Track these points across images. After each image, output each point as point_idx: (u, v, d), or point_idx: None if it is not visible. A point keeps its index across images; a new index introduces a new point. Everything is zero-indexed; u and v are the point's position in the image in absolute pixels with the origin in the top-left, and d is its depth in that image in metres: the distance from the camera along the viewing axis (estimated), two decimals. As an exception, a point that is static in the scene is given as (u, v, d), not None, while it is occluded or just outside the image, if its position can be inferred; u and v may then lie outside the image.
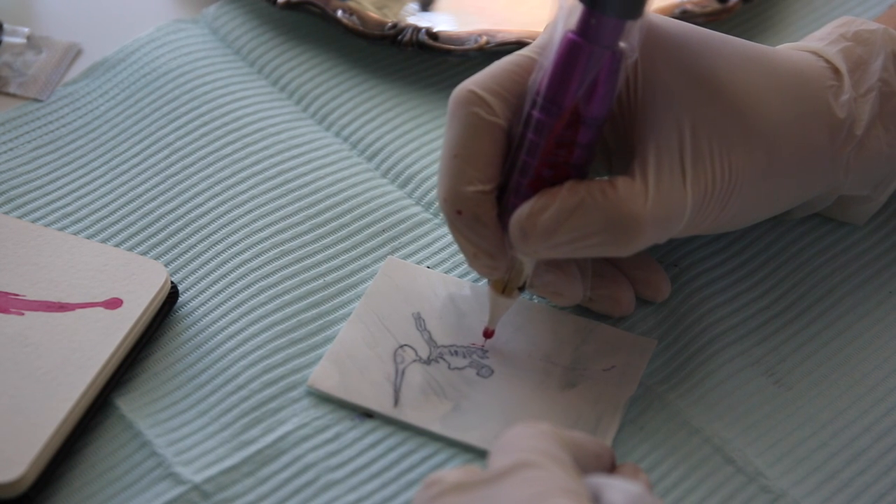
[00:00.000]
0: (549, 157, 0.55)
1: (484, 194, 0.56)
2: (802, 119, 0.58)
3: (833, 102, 0.59)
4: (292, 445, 0.58)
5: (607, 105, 0.55)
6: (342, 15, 0.73)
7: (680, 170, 0.55)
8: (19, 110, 0.71)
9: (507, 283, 0.58)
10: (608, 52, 0.54)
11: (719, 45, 0.57)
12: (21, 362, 0.58)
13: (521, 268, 0.58)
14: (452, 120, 0.57)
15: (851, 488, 0.57)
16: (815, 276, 0.64)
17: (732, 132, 0.56)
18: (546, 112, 0.55)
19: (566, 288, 0.60)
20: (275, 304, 0.62)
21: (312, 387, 0.59)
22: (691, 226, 0.57)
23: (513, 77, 0.57)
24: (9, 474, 0.54)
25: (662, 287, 0.62)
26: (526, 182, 0.55)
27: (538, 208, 0.55)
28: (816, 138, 0.58)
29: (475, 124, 0.56)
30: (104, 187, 0.67)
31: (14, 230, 0.63)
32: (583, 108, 0.54)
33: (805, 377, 0.60)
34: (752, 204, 0.59)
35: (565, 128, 0.54)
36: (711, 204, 0.56)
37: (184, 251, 0.65)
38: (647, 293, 0.62)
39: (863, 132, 0.59)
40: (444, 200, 0.57)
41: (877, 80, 0.60)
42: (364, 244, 0.65)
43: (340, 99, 0.72)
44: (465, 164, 0.56)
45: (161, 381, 0.60)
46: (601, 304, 0.61)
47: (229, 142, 0.69)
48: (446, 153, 0.57)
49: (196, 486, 0.56)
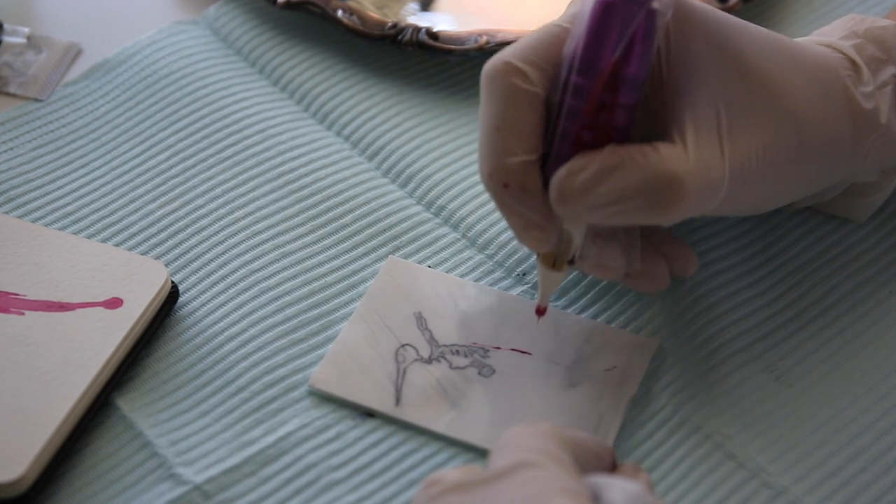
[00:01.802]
0: (589, 120, 0.54)
1: (529, 164, 0.55)
2: (826, 105, 0.58)
3: (854, 91, 0.59)
4: (294, 445, 0.58)
5: (646, 64, 0.54)
6: (342, 15, 0.73)
7: (717, 142, 0.55)
8: (19, 110, 0.71)
9: (556, 257, 0.58)
10: (643, 10, 0.53)
11: (744, 28, 0.58)
12: (21, 362, 0.58)
13: (570, 240, 0.57)
14: (490, 92, 0.56)
15: (852, 485, 0.57)
16: (816, 274, 0.64)
17: (763, 110, 0.56)
18: (584, 75, 0.54)
19: (612, 261, 0.59)
20: (276, 304, 0.62)
21: (314, 387, 0.59)
22: (725, 204, 0.56)
23: (548, 46, 0.56)
24: (9, 474, 0.54)
25: (691, 261, 0.61)
26: (568, 148, 0.55)
27: (576, 168, 0.54)
28: (840, 125, 0.58)
29: (514, 95, 0.55)
30: (105, 187, 0.67)
31: (14, 230, 0.63)
32: (621, 68, 0.54)
33: (806, 374, 0.60)
34: (780, 186, 0.58)
35: (605, 89, 0.54)
36: (746, 181, 0.56)
37: (184, 251, 0.65)
38: (678, 267, 0.61)
39: (886, 121, 0.59)
40: (488, 175, 0.56)
41: (891, 76, 0.60)
42: (365, 244, 0.65)
43: (341, 98, 0.72)
44: (509, 136, 0.55)
45: (162, 381, 0.60)
46: (638, 280, 0.61)
47: (230, 142, 0.69)
48: (487, 127, 0.56)
49: (197, 487, 0.56)
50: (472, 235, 0.66)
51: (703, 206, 0.56)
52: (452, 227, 0.66)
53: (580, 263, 0.59)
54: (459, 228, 0.66)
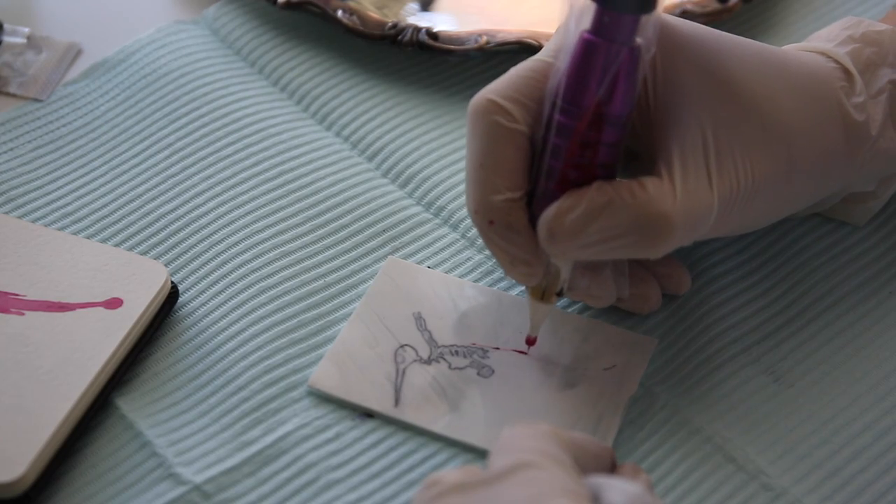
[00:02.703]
0: (574, 158, 0.55)
1: (513, 202, 0.56)
2: (818, 119, 0.58)
3: (846, 103, 0.59)
4: (293, 445, 0.58)
5: (629, 102, 0.54)
6: (342, 15, 0.73)
7: (705, 170, 0.55)
8: (19, 110, 0.70)
9: (545, 289, 0.58)
10: (625, 49, 0.53)
11: (733, 46, 0.57)
12: (21, 362, 0.58)
13: (558, 273, 0.58)
14: (474, 130, 0.56)
15: (852, 486, 0.57)
16: (815, 275, 0.64)
17: (752, 133, 0.56)
18: (567, 114, 0.54)
19: (601, 291, 0.60)
20: (275, 304, 0.62)
21: (313, 387, 0.59)
22: (715, 227, 0.57)
23: (530, 83, 0.56)
24: (9, 474, 0.54)
25: (684, 280, 0.62)
26: (553, 186, 0.55)
27: (565, 208, 0.55)
28: (832, 139, 0.58)
29: (497, 133, 0.56)
30: (104, 187, 0.67)
31: (14, 230, 0.63)
32: (605, 107, 0.54)
33: (806, 375, 0.60)
34: (772, 205, 0.59)
35: (588, 128, 0.54)
36: (736, 204, 0.56)
37: (184, 251, 0.65)
38: (670, 287, 0.62)
39: (878, 132, 0.59)
40: (474, 212, 0.56)
41: (887, 82, 0.60)
42: (364, 244, 0.65)
43: (341, 99, 0.72)
44: (492, 174, 0.56)
45: (161, 381, 0.60)
46: (631, 302, 0.61)
47: (230, 142, 0.69)
48: (471, 164, 0.56)
49: (197, 487, 0.56)
50: (471, 236, 0.66)
51: (692, 237, 0.56)
52: (452, 228, 0.66)
53: (569, 294, 0.60)
54: (459, 229, 0.66)
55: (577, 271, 0.59)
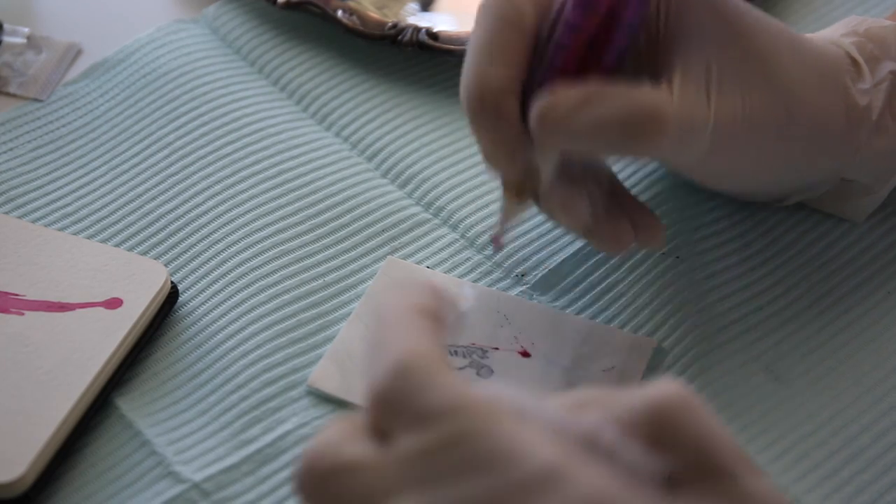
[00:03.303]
0: (578, 56, 0.54)
1: (508, 86, 0.55)
2: (821, 90, 0.58)
3: (850, 85, 0.59)
4: (292, 444, 0.58)
5: (643, 9, 0.55)
6: (342, 15, 0.73)
7: (705, 91, 0.55)
8: (19, 110, 0.71)
9: (521, 188, 0.58)
10: None
11: (747, 4, 0.58)
12: (21, 362, 0.58)
13: (537, 173, 0.57)
14: (480, 19, 0.56)
15: (851, 486, 0.57)
16: (815, 274, 0.64)
17: (756, 82, 0.56)
18: (581, 11, 0.54)
19: (575, 205, 0.59)
20: (274, 303, 0.62)
21: (312, 386, 0.59)
22: (708, 164, 0.57)
23: None
24: (9, 474, 0.54)
25: (658, 232, 0.61)
26: (552, 76, 0.55)
27: (560, 94, 0.54)
28: (832, 113, 0.59)
29: (500, 19, 0.56)
30: (104, 187, 0.67)
31: (14, 230, 0.63)
32: (618, 9, 0.54)
33: (805, 374, 0.60)
34: (766, 159, 0.59)
35: (598, 28, 0.54)
36: (730, 140, 0.56)
37: (184, 251, 0.65)
38: (644, 237, 0.61)
39: (876, 117, 0.60)
40: (466, 91, 0.56)
41: (888, 73, 0.60)
42: (364, 244, 0.65)
43: (340, 99, 0.72)
44: (490, 56, 0.55)
45: (161, 380, 0.60)
46: (602, 239, 0.61)
47: (229, 142, 0.69)
48: (472, 49, 0.56)
49: (196, 485, 0.56)
50: (471, 236, 0.66)
51: (684, 148, 0.56)
52: (451, 228, 0.66)
53: (545, 204, 0.59)
54: (458, 229, 0.66)
55: (555, 182, 0.58)
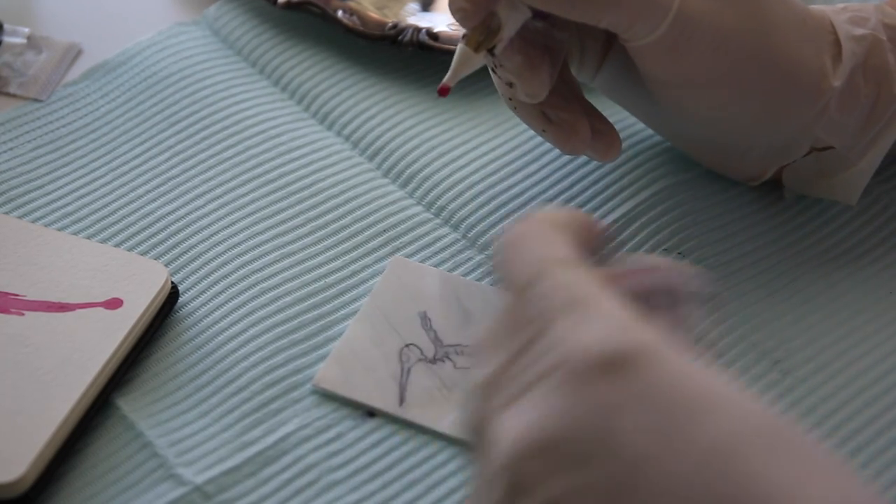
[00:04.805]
0: None
1: None
2: (801, 39, 0.59)
3: (827, 58, 0.59)
4: (294, 446, 0.58)
5: None
6: (343, 15, 0.73)
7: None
8: (19, 110, 0.70)
9: (480, 41, 0.58)
10: None
11: None
12: (21, 362, 0.58)
13: (500, 27, 0.58)
14: None
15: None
16: (818, 270, 0.64)
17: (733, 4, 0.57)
18: None
19: (533, 73, 0.59)
20: (276, 304, 0.62)
21: (318, 385, 0.59)
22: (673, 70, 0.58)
23: None
24: (9, 474, 0.54)
25: (615, 141, 0.62)
26: None
27: None
28: (808, 66, 0.59)
29: None
30: (105, 187, 0.67)
31: (14, 230, 0.63)
32: None
33: (806, 364, 0.60)
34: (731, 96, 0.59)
35: None
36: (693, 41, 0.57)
37: (184, 251, 0.64)
38: (599, 146, 0.62)
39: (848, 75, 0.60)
40: None
41: (868, 32, 0.60)
42: (365, 244, 0.65)
43: (341, 98, 0.72)
44: None
45: (162, 381, 0.60)
46: (556, 130, 0.61)
47: (230, 143, 0.69)
48: None
49: (198, 488, 0.56)
50: (472, 236, 0.66)
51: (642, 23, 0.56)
52: (453, 228, 0.66)
53: (501, 70, 0.59)
54: (460, 229, 0.66)
55: (516, 44, 0.59)
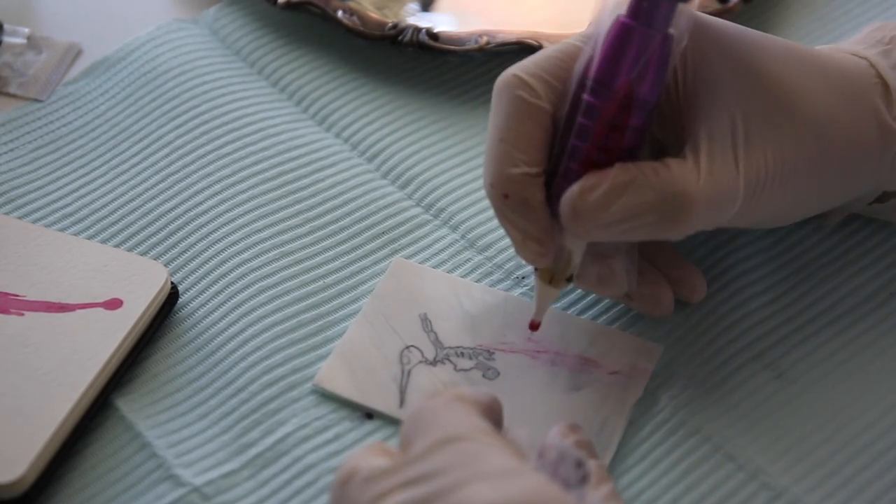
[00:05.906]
0: (600, 140, 0.55)
1: (531, 177, 0.56)
2: (851, 114, 0.58)
3: (878, 101, 0.59)
4: (292, 447, 0.58)
5: (658, 88, 0.55)
6: (342, 15, 0.73)
7: (732, 155, 0.55)
8: (19, 110, 0.70)
9: (554, 272, 0.58)
10: (660, 35, 0.54)
11: (765, 42, 0.58)
12: (21, 363, 0.58)
13: (570, 257, 0.57)
14: (497, 104, 0.57)
15: (853, 485, 0.57)
16: (817, 273, 0.64)
17: (783, 124, 0.56)
18: (597, 95, 0.55)
19: (612, 279, 0.59)
20: (275, 304, 0.62)
21: (318, 385, 0.59)
22: (742, 215, 0.57)
23: (557, 63, 0.57)
24: (9, 475, 0.54)
25: (699, 287, 0.62)
26: (576, 166, 0.55)
27: (589, 186, 0.54)
28: (864, 134, 0.58)
29: (520, 107, 0.56)
30: (104, 187, 0.67)
31: (14, 230, 0.63)
32: (635, 90, 0.54)
33: (808, 372, 0.60)
34: (802, 197, 0.58)
35: (617, 111, 0.54)
36: (763, 192, 0.56)
37: (184, 251, 0.64)
38: (684, 293, 0.62)
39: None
40: (490, 185, 0.56)
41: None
42: (364, 246, 0.65)
43: (341, 100, 0.72)
44: (511, 147, 0.56)
45: (161, 382, 0.60)
46: (642, 302, 0.61)
47: (229, 142, 0.69)
48: (492, 138, 0.56)
49: (196, 489, 0.56)
50: (471, 237, 0.66)
51: (716, 220, 0.56)
52: (452, 229, 0.66)
53: (578, 282, 0.59)
54: (459, 230, 0.66)
55: (588, 259, 0.58)
